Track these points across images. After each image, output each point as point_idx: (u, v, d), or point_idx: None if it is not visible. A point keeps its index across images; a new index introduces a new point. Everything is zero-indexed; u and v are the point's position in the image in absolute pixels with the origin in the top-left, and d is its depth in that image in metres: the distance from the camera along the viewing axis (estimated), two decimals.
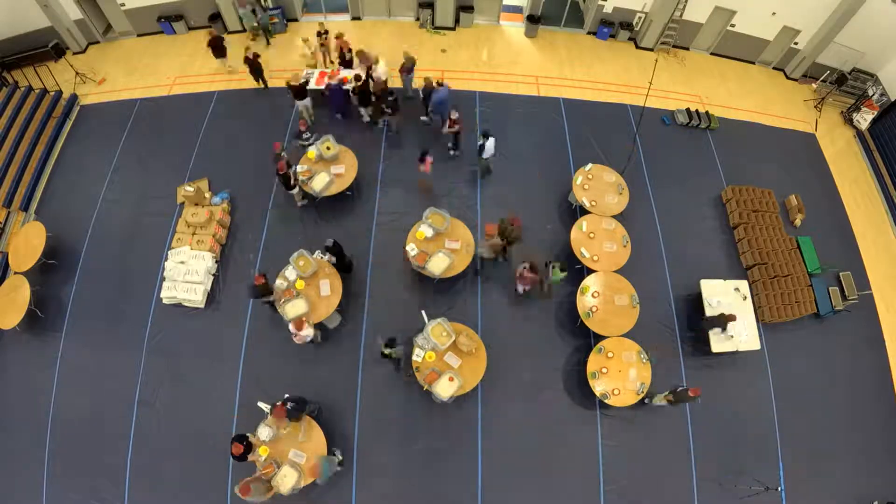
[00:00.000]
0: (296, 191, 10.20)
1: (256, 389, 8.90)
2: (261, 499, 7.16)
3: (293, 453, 7.71)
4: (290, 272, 9.04)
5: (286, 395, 7.95)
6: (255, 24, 13.48)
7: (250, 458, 7.62)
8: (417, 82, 11.74)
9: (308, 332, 8.41)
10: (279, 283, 8.93)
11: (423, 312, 8.77)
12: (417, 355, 8.30)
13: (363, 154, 10.85)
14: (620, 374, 8.61)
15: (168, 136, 11.96)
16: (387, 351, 8.29)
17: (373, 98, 11.24)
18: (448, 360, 8.40)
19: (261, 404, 8.14)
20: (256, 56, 11.74)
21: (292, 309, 8.62)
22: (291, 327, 8.36)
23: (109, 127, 12.19)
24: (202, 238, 10.06)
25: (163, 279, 9.85)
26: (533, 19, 14.12)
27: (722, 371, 9.62)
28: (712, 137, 12.61)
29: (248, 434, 7.74)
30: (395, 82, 11.97)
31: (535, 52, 14.15)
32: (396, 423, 8.79)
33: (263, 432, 7.73)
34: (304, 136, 10.75)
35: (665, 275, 10.44)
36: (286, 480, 7.42)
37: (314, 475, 7.56)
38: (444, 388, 8.07)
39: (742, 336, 9.35)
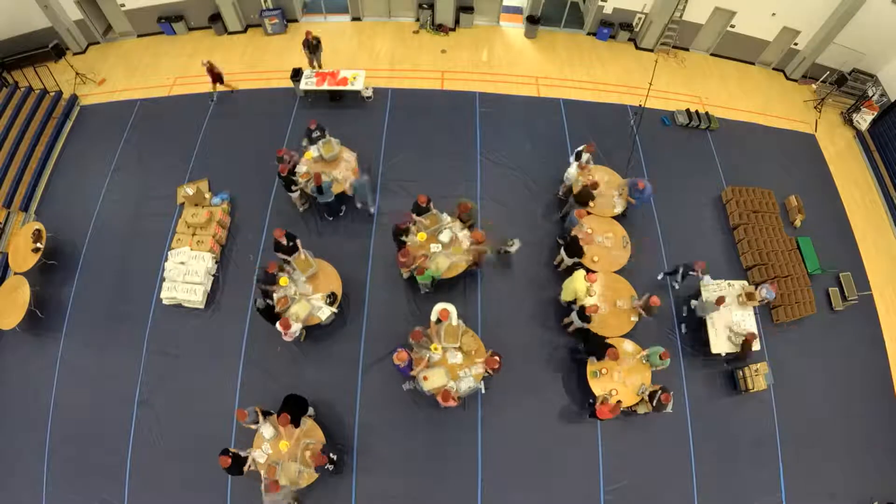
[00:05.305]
0: (296, 194, 10.15)
1: (256, 390, 8.91)
2: (284, 501, 7.19)
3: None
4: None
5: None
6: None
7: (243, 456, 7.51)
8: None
9: (296, 328, 8.45)
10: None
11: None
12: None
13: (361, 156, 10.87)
14: (620, 376, 8.59)
15: (168, 136, 11.96)
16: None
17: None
18: (451, 358, 8.39)
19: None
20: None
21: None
22: (279, 326, 8.35)
23: (109, 127, 12.19)
24: (202, 239, 10.05)
25: (163, 280, 9.84)
26: (533, 20, 14.12)
27: (722, 371, 9.62)
28: (712, 138, 12.60)
29: (239, 452, 7.53)
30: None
31: (534, 52, 14.15)
32: (396, 423, 8.79)
33: (266, 431, 7.72)
34: (314, 134, 10.37)
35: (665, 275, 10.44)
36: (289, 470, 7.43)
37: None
38: (432, 381, 8.07)
39: (743, 323, 9.36)
